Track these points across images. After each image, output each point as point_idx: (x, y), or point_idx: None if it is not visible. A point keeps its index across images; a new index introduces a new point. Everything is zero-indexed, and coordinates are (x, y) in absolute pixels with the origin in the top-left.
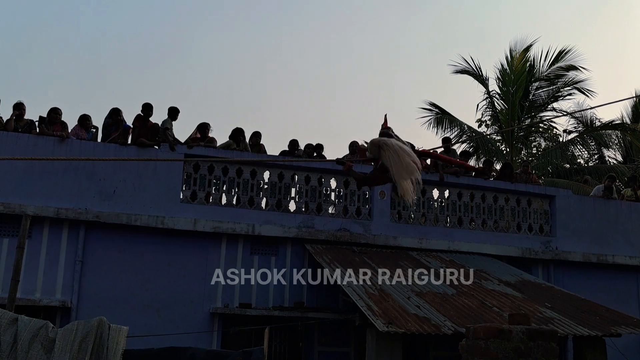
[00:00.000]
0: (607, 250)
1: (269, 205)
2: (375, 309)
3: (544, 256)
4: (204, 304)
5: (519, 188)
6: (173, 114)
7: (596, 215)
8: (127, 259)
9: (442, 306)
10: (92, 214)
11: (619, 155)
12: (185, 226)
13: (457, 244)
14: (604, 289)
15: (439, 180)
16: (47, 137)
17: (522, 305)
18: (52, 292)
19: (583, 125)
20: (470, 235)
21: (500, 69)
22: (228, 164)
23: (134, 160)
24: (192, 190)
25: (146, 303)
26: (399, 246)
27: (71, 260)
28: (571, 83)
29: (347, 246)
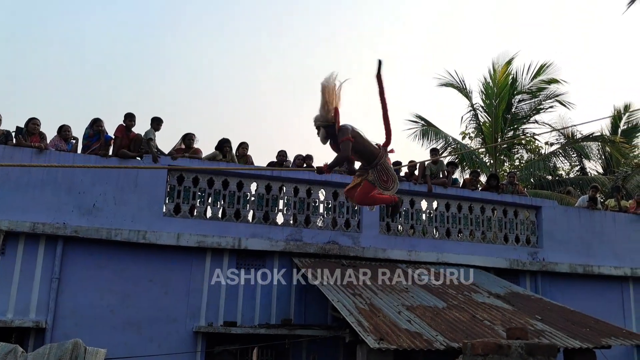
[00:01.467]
0: (593, 261)
1: (255, 217)
2: (366, 325)
3: (531, 267)
4: (187, 322)
5: (505, 199)
6: (156, 124)
7: (582, 225)
8: (107, 276)
9: (433, 320)
10: (71, 228)
11: (599, 166)
12: (168, 241)
13: (445, 255)
14: (591, 300)
15: (427, 191)
16: (25, 149)
17: (513, 317)
18: (26, 311)
19: (564, 137)
20: (458, 247)
21: (484, 82)
22: (214, 175)
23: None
24: (175, 203)
25: (126, 321)
26: (388, 259)
27: (47, 278)
28: (552, 96)
29: (336, 259)
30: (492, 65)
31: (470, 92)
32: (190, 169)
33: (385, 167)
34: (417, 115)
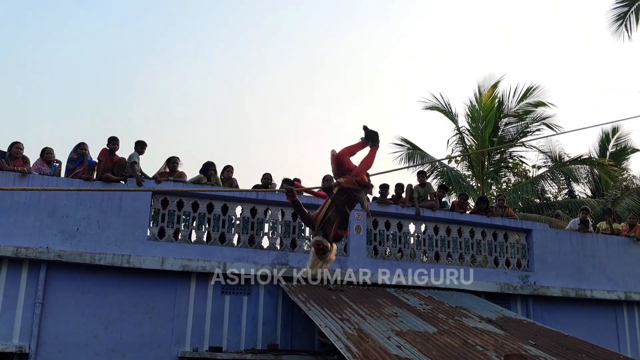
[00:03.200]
0: (586, 285)
1: (241, 241)
2: (355, 351)
3: (523, 291)
4: (172, 348)
5: (495, 222)
6: (140, 148)
7: (573, 249)
8: (91, 301)
9: (424, 346)
10: (54, 253)
11: (588, 189)
12: (153, 265)
13: (434, 279)
14: (584, 324)
15: (415, 214)
16: (7, 172)
17: (505, 343)
18: (9, 336)
19: (552, 160)
20: (447, 271)
21: (470, 105)
22: (198, 199)
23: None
24: (159, 227)
25: (111, 347)
26: (376, 283)
27: (30, 302)
28: (539, 119)
29: (323, 283)
30: (478, 88)
31: (456, 115)
32: (175, 191)
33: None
34: (402, 138)
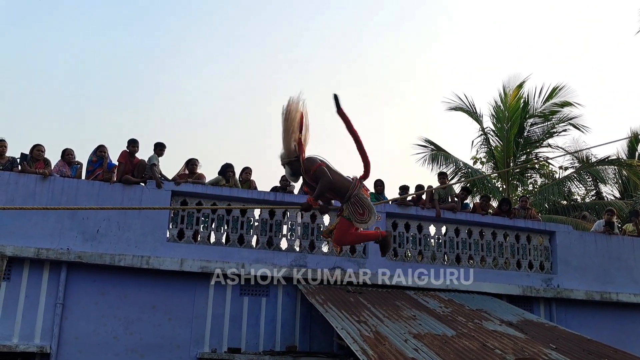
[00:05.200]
0: (611, 288)
1: (259, 243)
2: (371, 353)
3: (545, 294)
4: (190, 349)
5: (517, 224)
6: (159, 150)
7: (598, 251)
8: (110, 302)
9: (441, 349)
10: (74, 254)
11: (616, 191)
12: (172, 266)
13: (455, 282)
14: (609, 328)
15: (436, 216)
16: (29, 175)
17: (525, 346)
18: (31, 337)
19: (579, 162)
20: (469, 273)
21: (494, 105)
22: (217, 200)
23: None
24: (179, 229)
25: (130, 348)
26: (395, 285)
27: (51, 303)
28: (566, 119)
29: (341, 285)
30: (503, 88)
31: (481, 115)
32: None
33: (360, 198)
34: (426, 139)
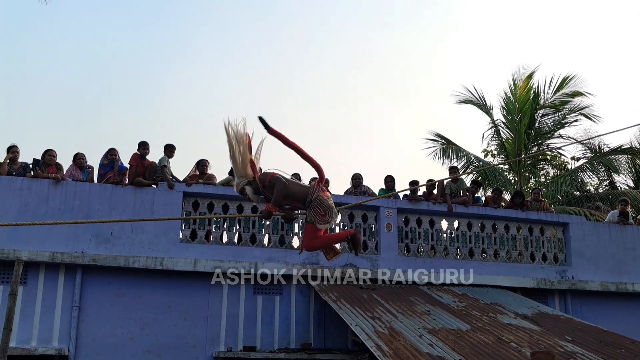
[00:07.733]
0: (626, 279)
1: (271, 242)
2: (386, 349)
3: (560, 286)
4: (206, 348)
5: (530, 216)
6: (169, 151)
7: (612, 242)
8: (126, 303)
9: (456, 344)
10: (89, 257)
11: (629, 180)
12: (185, 267)
13: (469, 276)
14: (624, 319)
15: (448, 211)
16: (42, 180)
17: (541, 339)
18: (49, 340)
19: (591, 152)
20: (482, 267)
21: (504, 97)
22: (228, 200)
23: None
24: (191, 230)
25: (146, 349)
26: (408, 281)
27: (68, 306)
28: (577, 109)
29: (354, 282)
30: (513, 79)
31: (491, 108)
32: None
33: (320, 201)
34: (436, 133)
